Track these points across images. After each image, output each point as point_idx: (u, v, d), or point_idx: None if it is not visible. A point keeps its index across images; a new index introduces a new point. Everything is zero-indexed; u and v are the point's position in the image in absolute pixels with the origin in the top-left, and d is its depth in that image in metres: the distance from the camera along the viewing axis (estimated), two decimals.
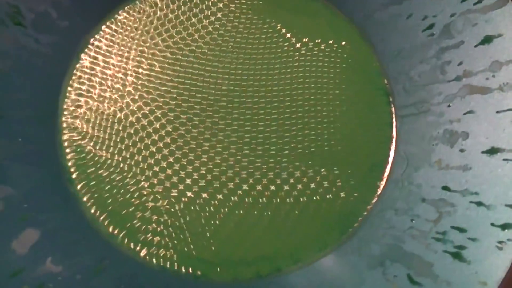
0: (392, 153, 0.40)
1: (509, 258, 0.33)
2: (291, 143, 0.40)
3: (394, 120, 0.40)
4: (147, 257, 0.38)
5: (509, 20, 0.35)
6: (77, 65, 0.41)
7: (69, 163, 0.40)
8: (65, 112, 0.40)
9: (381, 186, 0.39)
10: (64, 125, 0.40)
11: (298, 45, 0.42)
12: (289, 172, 0.39)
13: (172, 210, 0.39)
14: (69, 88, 0.41)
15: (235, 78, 0.41)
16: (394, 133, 0.40)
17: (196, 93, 0.40)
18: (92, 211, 0.39)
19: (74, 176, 0.39)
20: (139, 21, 0.42)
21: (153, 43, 0.42)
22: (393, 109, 0.41)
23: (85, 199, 0.39)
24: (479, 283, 0.33)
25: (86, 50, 0.42)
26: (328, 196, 0.39)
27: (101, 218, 0.39)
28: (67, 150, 0.40)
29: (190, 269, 0.38)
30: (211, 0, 0.43)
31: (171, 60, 0.41)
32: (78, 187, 0.39)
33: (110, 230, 0.39)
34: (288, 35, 0.42)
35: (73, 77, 0.41)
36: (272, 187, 0.39)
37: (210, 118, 0.40)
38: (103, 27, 0.42)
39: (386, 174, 0.40)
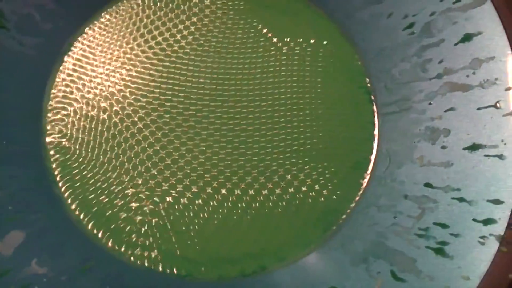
0: (374, 151, 0.40)
1: (491, 253, 0.33)
2: (273, 141, 0.40)
3: (376, 118, 0.41)
4: (132, 257, 0.38)
5: (488, 18, 0.35)
6: (61, 67, 0.41)
7: (53, 165, 0.40)
8: (49, 114, 0.40)
9: (364, 184, 0.40)
10: (48, 127, 0.40)
11: (279, 45, 0.42)
12: (272, 170, 0.40)
13: (156, 209, 0.39)
14: (53, 90, 0.41)
15: (217, 77, 0.41)
16: (376, 131, 0.40)
17: (179, 93, 0.41)
18: (77, 212, 0.39)
19: (58, 177, 0.39)
20: (122, 23, 0.42)
21: (136, 44, 0.42)
22: (375, 107, 0.41)
23: (69, 200, 0.39)
24: (462, 278, 0.33)
25: (69, 52, 0.42)
26: (311, 194, 0.39)
27: (86, 219, 0.39)
28: (51, 152, 0.40)
29: (175, 268, 0.38)
30: (193, 1, 0.43)
31: (154, 61, 0.41)
32: (63, 188, 0.39)
33: (95, 231, 0.39)
34: (270, 34, 0.42)
35: (57, 79, 0.41)
36: (256, 185, 0.39)
37: (193, 117, 0.40)
38: (86, 29, 0.42)
39: (369, 171, 0.40)
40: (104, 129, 0.40)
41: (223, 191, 0.39)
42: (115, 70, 0.41)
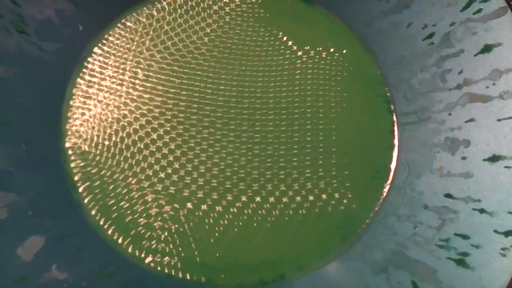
0: (394, 161, 0.40)
1: None
2: (293, 149, 0.40)
3: (395, 127, 0.41)
4: (152, 264, 0.38)
5: (508, 29, 0.35)
6: (80, 73, 0.41)
7: (74, 170, 0.40)
8: (69, 119, 0.41)
9: (384, 193, 0.40)
10: (68, 132, 0.40)
11: (299, 53, 0.42)
12: (293, 178, 0.40)
13: (176, 216, 0.39)
14: (72, 95, 0.41)
15: (237, 84, 0.41)
16: (395, 140, 0.41)
17: (199, 99, 0.41)
18: (97, 218, 0.39)
19: (78, 183, 0.39)
20: (142, 29, 0.42)
21: (156, 50, 0.42)
22: (394, 117, 0.41)
23: (89, 206, 0.39)
24: None
25: (89, 57, 0.42)
26: (331, 202, 0.39)
27: (106, 225, 0.39)
28: (71, 157, 0.40)
29: (194, 275, 0.38)
30: (213, 9, 0.43)
31: (174, 67, 0.41)
32: (83, 194, 0.39)
33: (115, 237, 0.39)
34: (290, 43, 0.42)
35: (77, 84, 0.41)
36: (276, 193, 0.39)
37: (213, 123, 0.40)
38: (106, 35, 0.42)
39: (388, 181, 0.40)
40: (124, 135, 0.40)
41: (244, 198, 0.39)
42: (135, 76, 0.41)
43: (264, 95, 0.41)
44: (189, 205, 0.39)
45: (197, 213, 0.39)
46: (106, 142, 0.40)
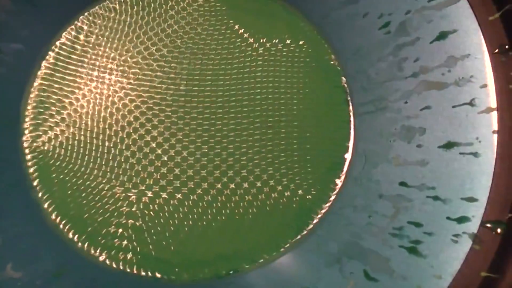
0: (350, 151, 0.40)
1: (464, 251, 0.33)
2: (248, 141, 0.40)
3: (352, 118, 0.40)
4: (107, 260, 0.38)
5: (463, 15, 0.35)
6: (39, 72, 0.41)
7: (31, 169, 0.40)
8: (27, 119, 0.41)
9: (340, 183, 0.39)
10: (26, 131, 0.40)
11: (255, 45, 0.42)
12: (248, 170, 0.39)
13: (132, 210, 0.39)
14: (31, 95, 0.41)
15: (193, 78, 0.41)
16: (352, 130, 0.40)
17: (155, 95, 0.41)
18: (53, 216, 0.39)
19: (36, 182, 0.39)
20: (99, 27, 0.42)
21: (114, 47, 0.42)
22: (351, 107, 0.41)
23: (46, 205, 0.39)
24: (434, 277, 0.33)
25: (47, 57, 0.42)
26: (286, 193, 0.39)
27: (62, 223, 0.39)
28: (29, 156, 0.40)
29: (149, 270, 0.38)
30: (169, 4, 0.43)
31: (131, 64, 0.41)
32: (40, 193, 0.39)
33: (71, 235, 0.39)
34: (246, 35, 0.42)
35: (35, 84, 0.41)
36: (231, 185, 0.39)
37: (169, 118, 0.40)
38: (64, 33, 0.42)
39: (344, 171, 0.40)
40: (82, 132, 0.40)
41: (199, 191, 0.39)
42: (91, 73, 0.41)
43: (220, 89, 0.41)
44: (144, 199, 0.39)
45: (152, 207, 0.39)
46: (64, 141, 0.40)
